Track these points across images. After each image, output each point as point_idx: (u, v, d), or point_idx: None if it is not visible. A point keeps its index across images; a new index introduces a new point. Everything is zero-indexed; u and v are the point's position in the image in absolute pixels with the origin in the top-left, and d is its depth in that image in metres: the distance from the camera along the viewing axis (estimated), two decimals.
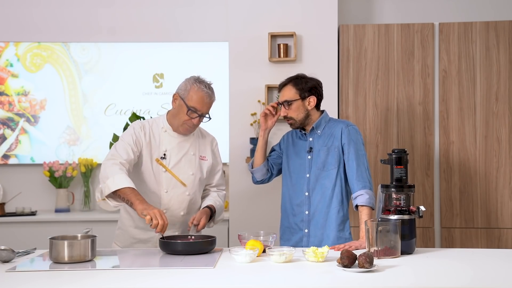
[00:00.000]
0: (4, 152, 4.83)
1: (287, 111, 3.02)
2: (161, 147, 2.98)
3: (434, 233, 4.20)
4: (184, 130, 2.97)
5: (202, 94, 2.89)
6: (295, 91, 3.02)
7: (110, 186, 2.71)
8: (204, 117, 2.94)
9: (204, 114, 2.93)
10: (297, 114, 3.02)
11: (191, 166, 3.00)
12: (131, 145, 2.88)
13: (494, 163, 4.18)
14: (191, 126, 2.94)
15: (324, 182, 3.02)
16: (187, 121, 2.92)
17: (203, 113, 2.91)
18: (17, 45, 4.84)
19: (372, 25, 4.27)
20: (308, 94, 3.02)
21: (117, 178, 2.71)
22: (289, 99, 3.01)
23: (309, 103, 3.02)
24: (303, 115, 3.03)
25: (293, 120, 3.03)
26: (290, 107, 3.01)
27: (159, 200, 2.95)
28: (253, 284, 2.18)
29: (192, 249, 2.65)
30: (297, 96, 3.01)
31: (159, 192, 2.95)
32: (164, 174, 2.95)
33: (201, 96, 2.89)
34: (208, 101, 2.91)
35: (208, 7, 4.84)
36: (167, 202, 2.95)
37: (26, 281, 2.19)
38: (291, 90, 3.03)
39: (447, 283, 2.16)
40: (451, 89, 4.21)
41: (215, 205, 3.01)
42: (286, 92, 3.04)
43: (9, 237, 4.27)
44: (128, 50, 4.86)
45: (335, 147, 3.02)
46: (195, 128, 2.98)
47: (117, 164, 2.78)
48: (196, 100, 2.88)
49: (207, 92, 2.91)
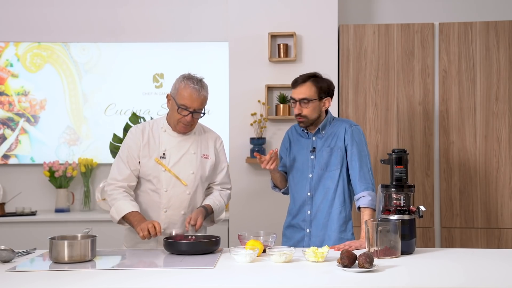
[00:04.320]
0: (4, 152, 4.83)
1: (302, 109, 2.96)
2: (161, 147, 2.98)
3: (434, 233, 4.20)
4: (181, 129, 2.97)
5: (190, 90, 2.88)
6: (314, 91, 2.96)
7: (114, 217, 2.91)
8: (197, 113, 2.92)
9: (197, 110, 2.91)
10: (311, 113, 2.97)
11: (191, 165, 2.99)
12: (126, 159, 2.97)
13: (494, 163, 4.18)
14: (186, 124, 2.93)
15: (327, 182, 3.02)
16: (181, 119, 2.92)
17: (194, 109, 2.89)
18: (17, 45, 4.84)
19: (372, 25, 4.27)
20: (325, 96, 2.99)
21: (117, 206, 2.89)
22: (309, 98, 2.95)
23: (324, 104, 3.00)
24: (316, 115, 2.99)
25: (306, 119, 2.98)
26: (307, 105, 2.96)
27: (159, 199, 2.95)
28: (253, 284, 2.18)
29: (196, 249, 2.65)
30: (315, 96, 2.96)
31: (159, 191, 2.95)
32: (164, 174, 2.96)
33: (189, 93, 2.88)
34: (197, 96, 2.88)
35: (208, 7, 4.84)
36: (167, 201, 2.95)
37: (26, 281, 2.20)
38: (311, 89, 2.96)
39: (447, 283, 2.16)
40: (451, 89, 4.21)
41: (214, 204, 3.00)
42: (305, 90, 2.96)
43: (9, 237, 4.27)
44: (128, 50, 4.86)
45: (338, 147, 3.01)
46: (191, 126, 2.97)
47: (116, 189, 2.94)
48: (185, 97, 2.88)
49: (195, 88, 2.89)
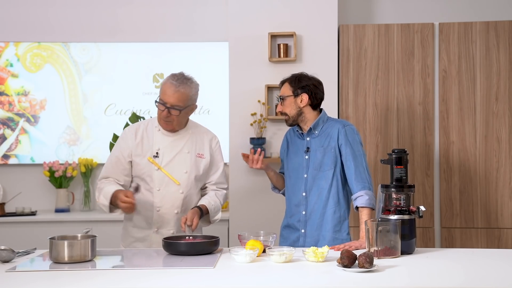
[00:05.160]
0: (4, 152, 4.83)
1: (281, 107, 3.10)
2: (154, 146, 3.00)
3: (434, 233, 4.20)
4: (163, 125, 3.00)
5: (168, 85, 2.92)
6: (289, 88, 3.09)
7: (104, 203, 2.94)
8: (175, 110, 2.91)
9: (175, 106, 2.90)
10: (289, 110, 3.08)
11: (185, 164, 3.00)
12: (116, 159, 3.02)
13: (494, 163, 4.18)
14: (165, 120, 2.95)
15: (321, 182, 3.03)
16: (160, 114, 2.96)
17: (172, 105, 2.90)
18: (17, 45, 4.84)
19: (372, 25, 4.27)
20: (301, 92, 3.06)
21: (104, 192, 2.93)
22: (283, 95, 3.10)
23: (301, 100, 3.06)
24: (295, 112, 3.07)
25: (287, 116, 3.10)
26: (284, 103, 3.09)
27: (152, 198, 2.97)
28: (253, 284, 2.18)
29: (195, 249, 2.65)
30: (290, 93, 3.08)
31: (152, 190, 2.97)
32: (157, 173, 2.97)
33: (166, 88, 2.92)
34: (173, 92, 2.89)
35: (208, 7, 4.84)
36: (160, 200, 2.97)
37: (26, 281, 2.20)
38: (286, 87, 3.11)
39: (447, 283, 2.16)
40: (451, 89, 4.21)
41: (209, 204, 3.00)
42: (282, 89, 3.14)
43: (9, 237, 4.26)
44: (128, 50, 4.86)
45: (332, 147, 3.03)
46: (173, 123, 2.97)
47: (103, 182, 3.00)
48: (162, 91, 2.93)
49: (172, 83, 2.91)
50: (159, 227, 2.98)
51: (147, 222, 3.00)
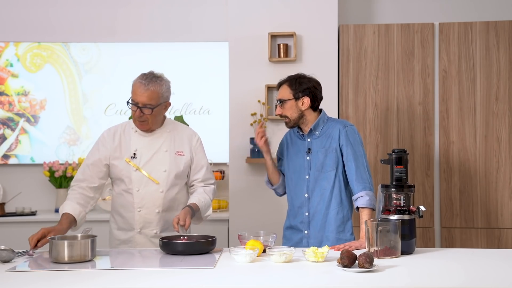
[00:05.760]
0: (4, 152, 4.83)
1: (281, 110, 3.05)
2: (132, 147, 3.01)
3: (434, 233, 4.20)
4: (138, 126, 3.00)
5: (137, 84, 2.94)
6: (290, 91, 3.04)
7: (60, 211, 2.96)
8: (147, 109, 2.91)
9: (146, 105, 2.91)
10: (290, 113, 3.04)
11: (163, 163, 3.01)
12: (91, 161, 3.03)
13: (494, 163, 4.18)
14: (138, 120, 2.96)
15: (323, 183, 3.03)
16: (133, 115, 2.97)
17: (143, 104, 2.91)
18: (17, 45, 4.84)
19: (372, 25, 4.27)
20: (302, 95, 3.03)
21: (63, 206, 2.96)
22: (283, 99, 3.05)
23: (302, 103, 3.03)
24: (296, 115, 3.04)
25: (288, 119, 3.05)
26: (284, 106, 3.04)
27: (132, 199, 2.98)
28: (253, 284, 2.18)
29: (192, 249, 2.65)
30: (290, 96, 3.03)
31: (131, 191, 2.98)
32: (135, 173, 2.98)
33: (136, 87, 2.94)
34: (142, 91, 2.91)
35: (208, 7, 4.84)
36: (140, 201, 2.98)
37: (26, 281, 2.20)
38: (286, 90, 3.05)
39: (447, 283, 2.16)
40: (451, 89, 4.21)
41: (199, 202, 2.99)
42: (281, 91, 3.07)
43: (9, 237, 4.25)
44: (128, 50, 4.85)
45: (333, 148, 3.02)
46: (147, 123, 2.96)
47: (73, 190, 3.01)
48: (133, 91, 2.95)
49: (141, 82, 2.93)
50: (142, 228, 2.99)
51: (129, 223, 3.01)
